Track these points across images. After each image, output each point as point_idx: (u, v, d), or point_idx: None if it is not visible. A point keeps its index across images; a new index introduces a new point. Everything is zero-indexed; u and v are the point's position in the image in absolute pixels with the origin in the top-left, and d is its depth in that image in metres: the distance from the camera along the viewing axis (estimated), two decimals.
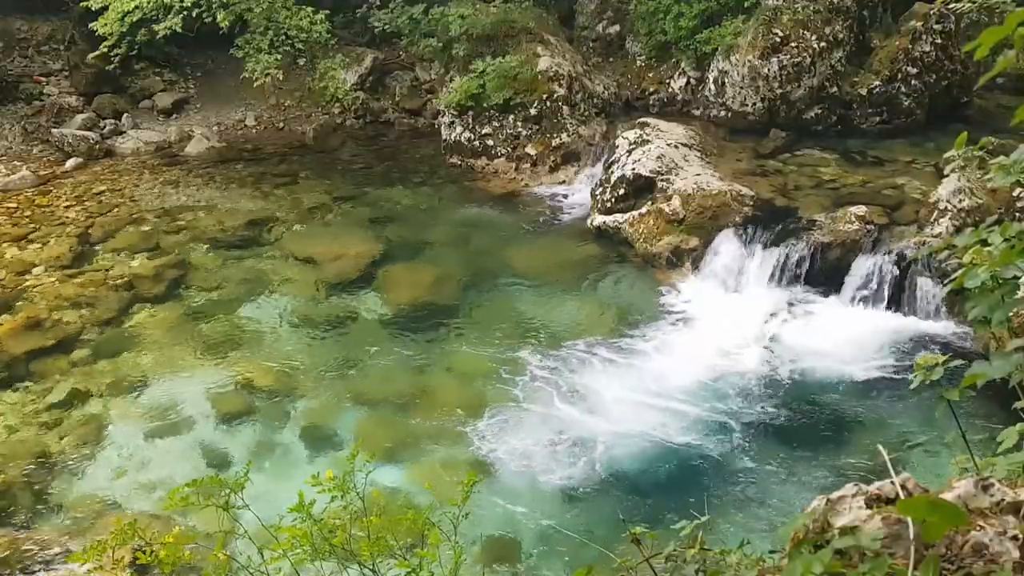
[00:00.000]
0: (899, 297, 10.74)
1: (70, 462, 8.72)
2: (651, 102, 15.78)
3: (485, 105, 14.87)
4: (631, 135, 13.38)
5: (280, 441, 9.09)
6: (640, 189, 12.71)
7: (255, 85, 14.76)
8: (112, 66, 15.23)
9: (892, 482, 2.10)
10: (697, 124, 14.58)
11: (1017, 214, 10.25)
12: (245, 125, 17.26)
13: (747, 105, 14.26)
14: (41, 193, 14.40)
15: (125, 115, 16.86)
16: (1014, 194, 10.42)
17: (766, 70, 14.02)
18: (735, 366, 10.04)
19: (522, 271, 12.20)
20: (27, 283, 11.78)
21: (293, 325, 11.10)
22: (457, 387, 9.86)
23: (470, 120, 15.19)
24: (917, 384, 2.73)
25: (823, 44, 14.02)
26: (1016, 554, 1.91)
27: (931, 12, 13.98)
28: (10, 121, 16.34)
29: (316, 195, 14.48)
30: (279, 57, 14.56)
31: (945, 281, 9.14)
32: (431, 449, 8.92)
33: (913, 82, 14.02)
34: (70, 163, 15.35)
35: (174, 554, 3.55)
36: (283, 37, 14.70)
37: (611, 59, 16.81)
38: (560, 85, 14.86)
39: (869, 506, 2.05)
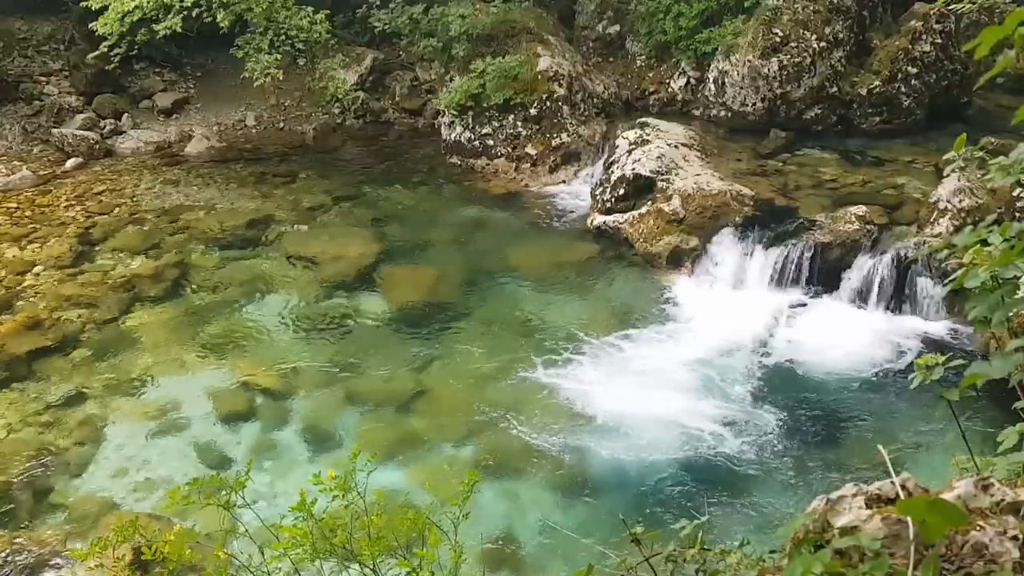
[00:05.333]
0: (899, 297, 10.75)
1: (70, 462, 8.72)
2: (651, 102, 15.78)
3: (485, 105, 14.86)
4: (631, 135, 13.38)
5: (280, 441, 9.10)
6: (640, 189, 12.71)
7: (255, 85, 14.76)
8: (112, 66, 15.22)
9: (892, 482, 2.11)
10: (697, 124, 14.58)
11: (1017, 214, 10.25)
12: (245, 125, 17.26)
13: (747, 105, 14.26)
14: (41, 193, 14.40)
15: (125, 115, 16.85)
16: (1014, 194, 10.42)
17: (766, 70, 14.03)
18: (735, 366, 10.05)
19: (522, 271, 12.20)
20: (27, 283, 11.78)
21: (293, 325, 11.10)
22: (457, 387, 9.86)
23: (470, 120, 15.19)
24: (917, 384, 2.73)
25: (823, 44, 14.02)
26: (1016, 554, 1.91)
27: (931, 12, 13.98)
28: (10, 121, 16.33)
29: (316, 195, 14.48)
30: (279, 57, 14.55)
31: (945, 281, 9.14)
32: (431, 449, 8.93)
33: (913, 82, 14.03)
34: (70, 163, 15.35)
35: (178, 551, 3.55)
36: (283, 37, 14.70)
37: (611, 59, 16.81)
38: (560, 85, 14.86)
39: (869, 506, 2.05)
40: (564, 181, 14.66)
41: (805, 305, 11.04)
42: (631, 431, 9.00)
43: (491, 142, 15.10)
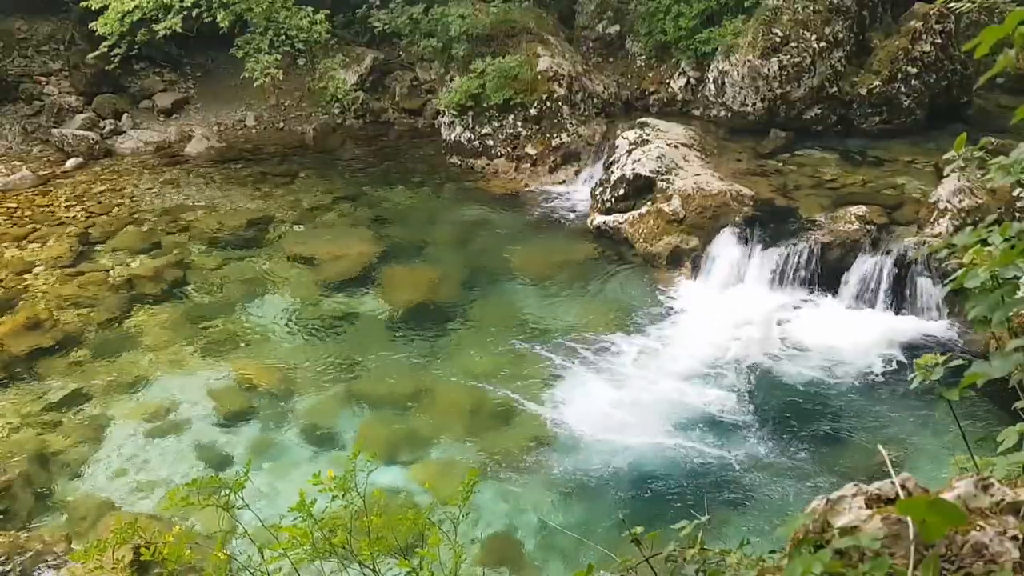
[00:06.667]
0: (899, 297, 10.74)
1: (70, 462, 8.73)
2: (651, 102, 15.77)
3: (485, 105, 14.87)
4: (631, 135, 13.38)
5: (280, 441, 9.10)
6: (640, 189, 12.72)
7: (255, 85, 14.76)
8: (112, 66, 15.23)
9: (892, 482, 2.10)
10: (697, 124, 14.57)
11: (1017, 214, 10.25)
12: (245, 125, 17.26)
13: (747, 105, 14.26)
14: (41, 193, 14.40)
15: (125, 115, 16.86)
16: (1014, 194, 10.42)
17: (766, 70, 14.02)
18: (735, 366, 10.05)
19: (522, 271, 12.20)
20: (27, 283, 11.78)
21: (293, 325, 11.10)
22: (457, 387, 9.86)
23: (470, 120, 15.20)
24: (917, 384, 2.73)
25: (823, 44, 14.02)
26: (1016, 554, 1.91)
27: (931, 12, 13.97)
28: (10, 121, 16.34)
29: (316, 195, 14.49)
30: (279, 57, 14.56)
31: (945, 281, 9.14)
32: (431, 449, 8.93)
33: (913, 82, 14.03)
34: (70, 163, 15.35)
35: (177, 552, 3.55)
36: (283, 37, 14.70)
37: (611, 59, 16.81)
38: (560, 85, 14.86)
39: (869, 506, 2.05)
40: (564, 181, 14.66)
41: (805, 305, 11.03)
42: (631, 431, 8.99)
43: (491, 142, 15.10)
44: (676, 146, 13.09)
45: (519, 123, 14.88)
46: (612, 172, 13.07)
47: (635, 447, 8.77)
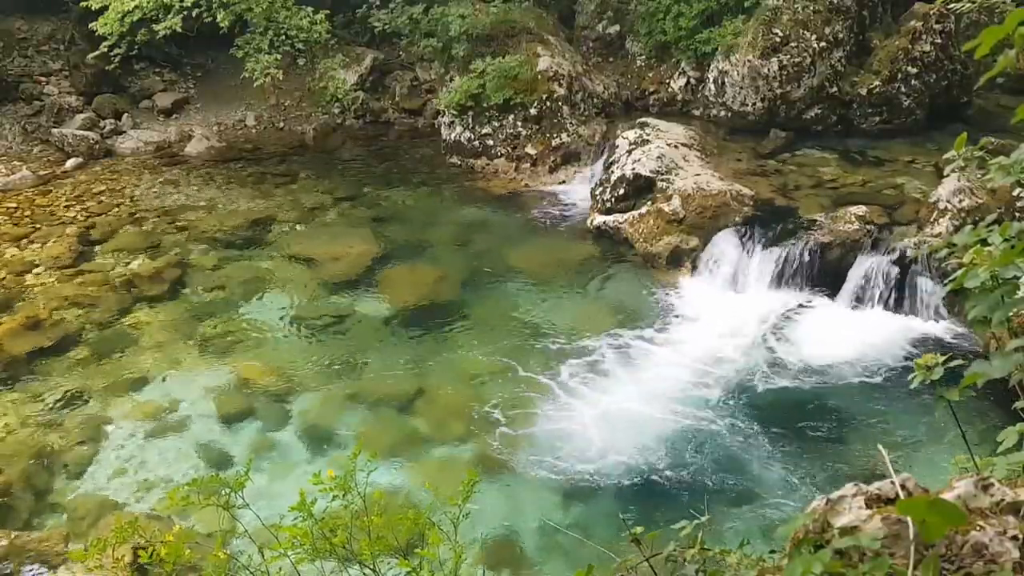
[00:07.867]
0: (899, 297, 10.74)
1: (70, 462, 8.72)
2: (651, 102, 15.78)
3: (485, 105, 14.87)
4: (631, 135, 13.39)
5: (280, 441, 9.10)
6: (640, 189, 12.72)
7: (255, 85, 14.77)
8: (112, 66, 15.24)
9: (892, 482, 2.11)
10: (697, 124, 14.58)
11: (1017, 214, 10.24)
12: (245, 125, 17.26)
13: (747, 105, 14.26)
14: (41, 193, 14.40)
15: (125, 115, 16.86)
16: (1014, 194, 10.41)
17: (766, 70, 14.02)
18: (735, 366, 10.04)
19: (522, 271, 12.20)
20: (27, 283, 11.78)
21: (293, 325, 11.10)
22: (457, 387, 9.86)
23: (470, 120, 15.20)
24: (917, 384, 2.73)
25: (823, 44, 14.02)
26: (1016, 554, 1.91)
27: (931, 12, 13.98)
28: (10, 121, 16.34)
29: (316, 195, 14.49)
30: (279, 57, 14.57)
31: (945, 281, 9.12)
32: (431, 449, 8.93)
33: (913, 82, 14.03)
34: (70, 163, 15.35)
35: (175, 552, 3.55)
36: (283, 37, 14.71)
37: (611, 59, 16.81)
38: (560, 85, 14.86)
39: (869, 506, 2.05)
40: (564, 181, 14.66)
41: (805, 305, 11.04)
42: (631, 431, 8.99)
43: (491, 142, 15.10)
44: (676, 146, 13.09)
45: (519, 123, 14.88)
46: (612, 172, 13.07)
47: (635, 447, 8.77)
